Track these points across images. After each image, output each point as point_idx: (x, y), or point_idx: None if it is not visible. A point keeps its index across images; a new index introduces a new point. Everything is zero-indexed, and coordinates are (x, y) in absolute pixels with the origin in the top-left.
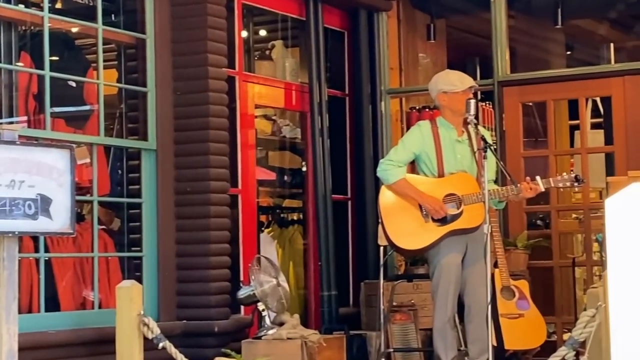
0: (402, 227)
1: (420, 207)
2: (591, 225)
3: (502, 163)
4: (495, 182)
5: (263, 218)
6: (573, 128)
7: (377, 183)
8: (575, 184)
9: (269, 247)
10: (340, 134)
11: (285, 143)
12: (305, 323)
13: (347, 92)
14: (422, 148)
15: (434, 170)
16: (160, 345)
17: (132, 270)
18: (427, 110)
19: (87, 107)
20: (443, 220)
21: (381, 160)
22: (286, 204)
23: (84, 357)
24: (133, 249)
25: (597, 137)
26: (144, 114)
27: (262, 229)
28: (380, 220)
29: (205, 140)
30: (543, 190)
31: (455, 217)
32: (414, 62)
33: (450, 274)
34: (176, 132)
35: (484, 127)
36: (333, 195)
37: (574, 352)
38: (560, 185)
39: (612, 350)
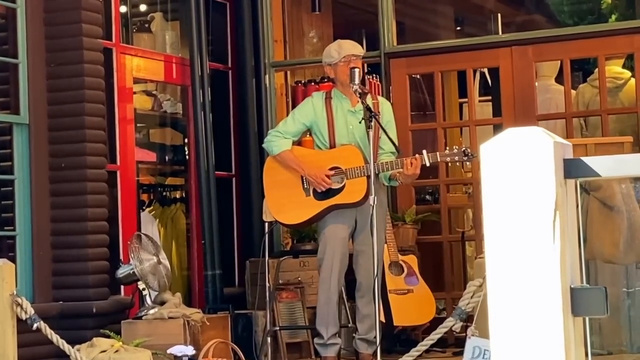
0: (282, 200)
1: (303, 180)
2: (480, 199)
3: (387, 133)
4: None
5: (144, 197)
6: (463, 104)
7: (262, 159)
8: (465, 158)
9: (150, 226)
10: (224, 108)
11: (166, 119)
12: (188, 304)
13: (230, 65)
14: (313, 119)
15: (325, 141)
16: (35, 326)
17: (5, 250)
18: (312, 84)
19: None
20: (324, 195)
21: (269, 131)
22: (168, 182)
23: None
24: (6, 228)
25: (485, 110)
26: (15, 86)
27: (143, 207)
28: (263, 194)
29: (81, 114)
30: (427, 164)
31: (337, 191)
32: (298, 35)
33: (335, 247)
34: (50, 106)
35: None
36: (217, 172)
37: (462, 323)
38: (448, 159)
39: (490, 304)
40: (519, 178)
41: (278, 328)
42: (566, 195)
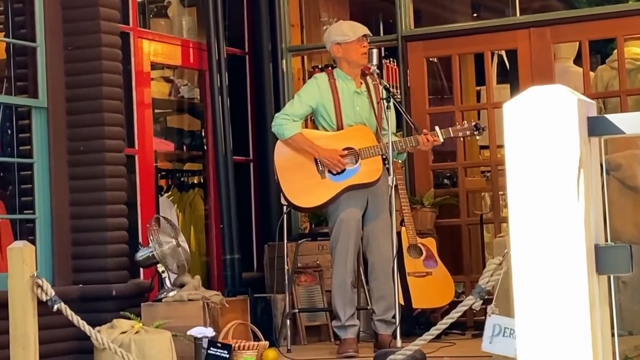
0: (298, 184)
1: (317, 162)
2: (499, 183)
3: (406, 113)
4: (400, 131)
5: (162, 182)
6: (481, 91)
7: None
8: (475, 132)
9: (169, 211)
10: (241, 93)
11: (183, 104)
12: (207, 288)
13: (247, 50)
14: (319, 101)
15: (332, 123)
16: (55, 307)
17: (25, 233)
18: (330, 68)
19: None
20: (340, 176)
21: (276, 115)
22: (186, 168)
23: None
24: (25, 211)
25: (503, 93)
26: (34, 70)
27: (162, 193)
28: (276, 178)
29: (99, 97)
30: (442, 141)
31: (352, 172)
32: (315, 19)
33: (350, 229)
34: (68, 89)
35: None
36: (234, 157)
37: (482, 301)
38: (460, 134)
39: (514, 263)
40: (542, 136)
41: (297, 310)
42: (590, 153)
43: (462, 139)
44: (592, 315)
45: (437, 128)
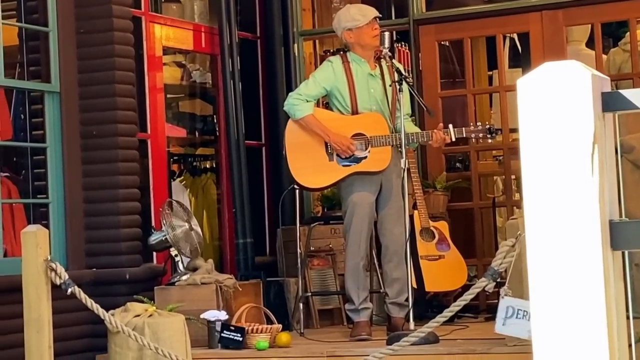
0: (305, 163)
1: (326, 144)
2: (511, 166)
3: (418, 95)
4: (412, 115)
5: (174, 167)
6: (493, 76)
7: None
8: (488, 135)
9: (182, 196)
10: (253, 78)
11: (195, 89)
12: (220, 272)
13: (258, 34)
14: (333, 84)
15: (347, 106)
16: (69, 290)
17: (39, 218)
18: (342, 52)
19: None
20: (347, 160)
21: (290, 94)
22: (198, 152)
23: None
24: (39, 196)
25: (515, 76)
26: (46, 55)
27: (174, 177)
28: (284, 154)
29: (111, 82)
30: (453, 140)
31: (361, 158)
32: (326, 3)
33: (363, 213)
34: (80, 74)
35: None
36: (246, 142)
37: (494, 283)
38: (473, 136)
39: (528, 240)
40: (556, 111)
41: (310, 294)
42: (604, 129)
43: (474, 140)
44: (607, 292)
45: (450, 126)
